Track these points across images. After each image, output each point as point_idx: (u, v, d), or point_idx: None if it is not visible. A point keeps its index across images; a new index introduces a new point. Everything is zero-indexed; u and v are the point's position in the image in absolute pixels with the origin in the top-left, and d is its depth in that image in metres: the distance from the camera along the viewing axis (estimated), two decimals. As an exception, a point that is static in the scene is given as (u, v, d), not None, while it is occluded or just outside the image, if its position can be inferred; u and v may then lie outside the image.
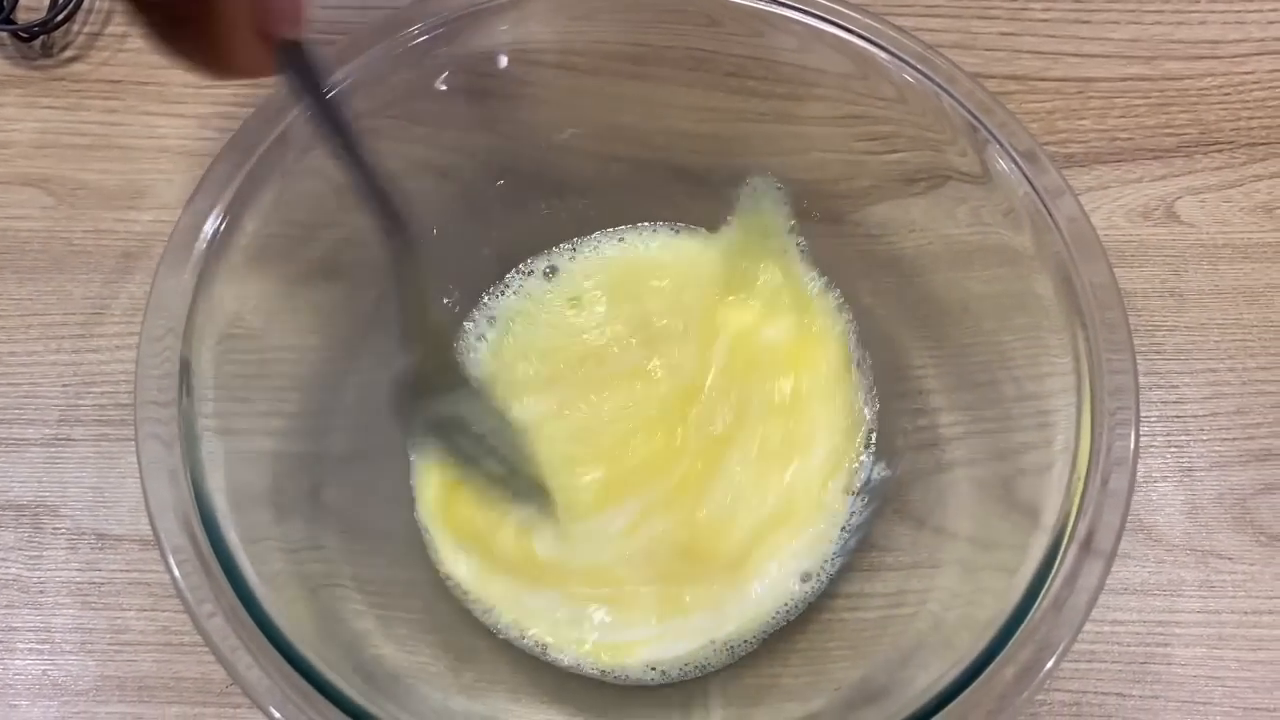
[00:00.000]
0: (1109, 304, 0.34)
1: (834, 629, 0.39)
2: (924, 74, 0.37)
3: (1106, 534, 0.31)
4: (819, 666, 0.38)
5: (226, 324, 0.34)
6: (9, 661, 0.40)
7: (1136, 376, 0.33)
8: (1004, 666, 0.29)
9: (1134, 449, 0.32)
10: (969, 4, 0.51)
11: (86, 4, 0.51)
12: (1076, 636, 0.29)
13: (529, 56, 0.40)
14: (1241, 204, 0.48)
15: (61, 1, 0.49)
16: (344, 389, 0.39)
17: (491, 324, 0.43)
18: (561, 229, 0.44)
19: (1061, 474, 0.32)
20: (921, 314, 0.41)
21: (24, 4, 0.50)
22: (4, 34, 0.50)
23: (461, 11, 0.37)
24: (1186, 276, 0.47)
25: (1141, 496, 0.43)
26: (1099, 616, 0.41)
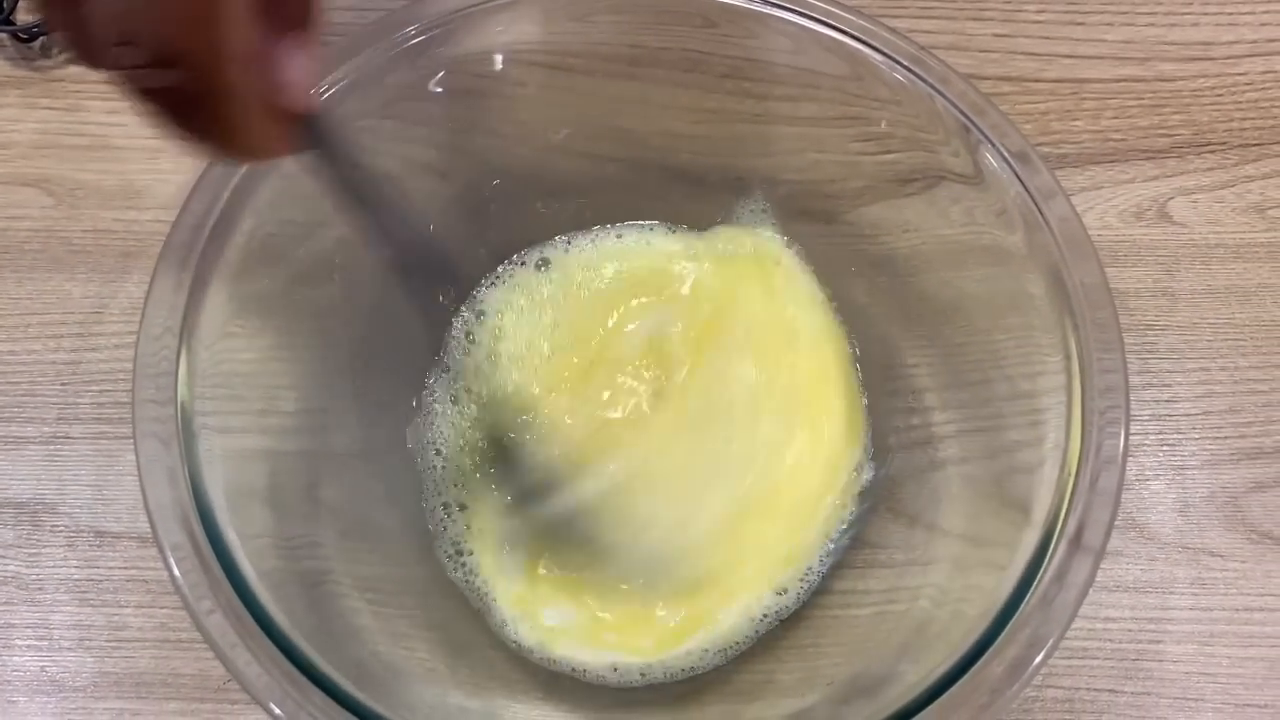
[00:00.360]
0: (1100, 304, 0.34)
1: (828, 626, 0.39)
2: (918, 75, 0.37)
3: (1096, 531, 0.31)
4: (812, 663, 0.38)
5: (224, 323, 0.34)
6: (7, 658, 0.41)
7: (1126, 375, 0.33)
8: (994, 661, 0.29)
9: (1124, 447, 0.32)
10: (963, 6, 0.52)
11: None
12: (1066, 631, 0.30)
13: (524, 57, 0.40)
14: (1234, 204, 0.48)
15: (60, 2, 0.49)
16: (341, 387, 0.39)
17: (480, 319, 0.43)
18: (557, 229, 0.44)
19: (1052, 472, 0.32)
20: (915, 313, 0.41)
21: (24, 5, 0.50)
22: (4, 35, 0.50)
23: (457, 13, 0.37)
24: (1179, 276, 0.47)
25: (1134, 494, 0.43)
26: (1091, 614, 0.41)
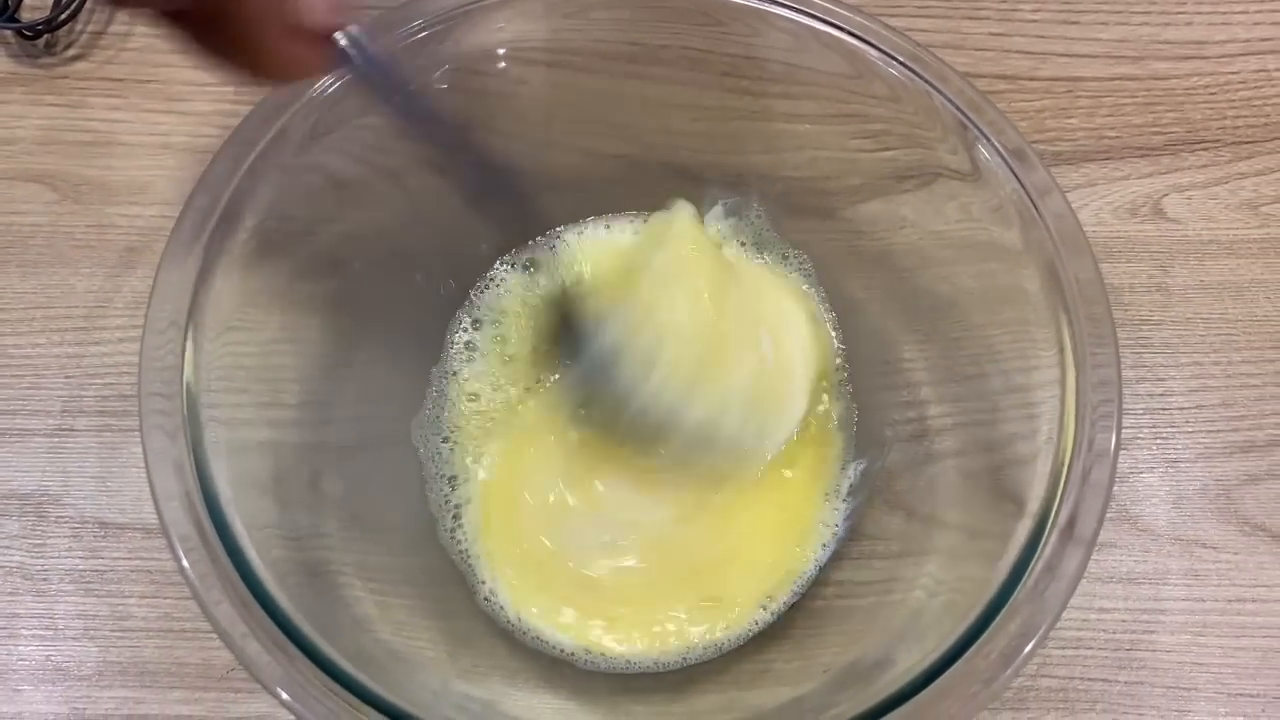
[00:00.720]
0: (1094, 299, 0.34)
1: (825, 616, 0.39)
2: (915, 73, 0.37)
3: (1088, 522, 0.31)
4: (810, 652, 0.38)
5: (228, 316, 0.35)
6: (13, 647, 0.41)
7: (1119, 370, 0.33)
8: (986, 648, 0.30)
9: (1116, 440, 0.32)
10: (959, 5, 0.52)
11: (90, 3, 0.51)
12: (1057, 621, 0.30)
13: (525, 54, 0.40)
14: (1227, 201, 0.48)
15: (65, 0, 0.50)
16: (344, 380, 0.40)
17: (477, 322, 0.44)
18: (556, 224, 0.44)
19: (1045, 464, 0.33)
20: (911, 308, 0.41)
21: (28, 3, 0.51)
22: (8, 32, 0.50)
23: (458, 10, 0.38)
24: (1173, 272, 0.47)
25: (1128, 487, 0.44)
26: (1086, 604, 0.42)
